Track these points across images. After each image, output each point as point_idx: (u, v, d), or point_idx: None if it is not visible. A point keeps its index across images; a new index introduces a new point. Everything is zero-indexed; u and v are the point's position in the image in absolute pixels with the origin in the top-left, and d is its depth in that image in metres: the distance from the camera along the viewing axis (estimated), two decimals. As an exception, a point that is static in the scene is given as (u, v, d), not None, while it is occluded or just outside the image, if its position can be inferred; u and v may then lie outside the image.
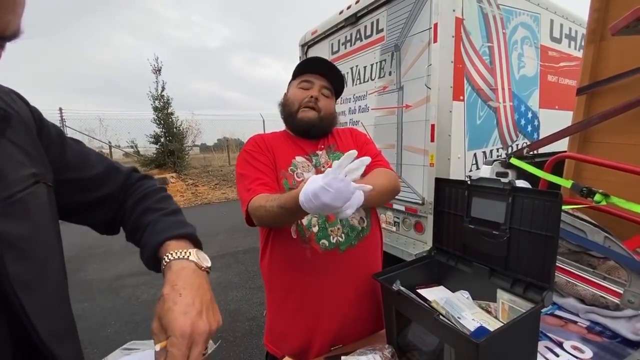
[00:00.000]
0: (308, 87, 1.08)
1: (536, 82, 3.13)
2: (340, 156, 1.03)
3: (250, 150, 1.04)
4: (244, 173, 1.01)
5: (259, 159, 1.02)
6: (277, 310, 1.05)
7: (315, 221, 0.98)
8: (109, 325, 2.60)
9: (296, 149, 1.08)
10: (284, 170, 1.02)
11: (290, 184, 1.00)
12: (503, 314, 0.83)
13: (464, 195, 0.91)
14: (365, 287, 1.02)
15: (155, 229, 0.59)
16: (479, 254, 0.90)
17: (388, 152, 2.96)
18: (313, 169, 1.05)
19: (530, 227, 0.76)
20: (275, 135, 1.13)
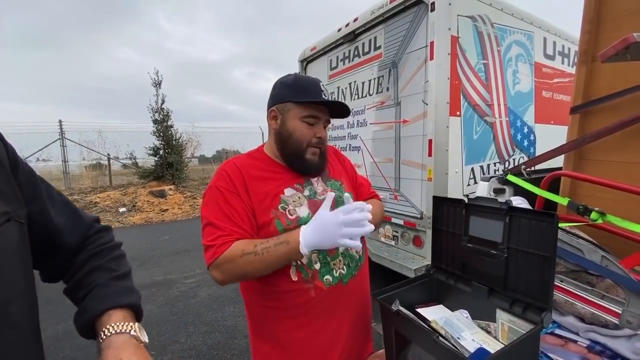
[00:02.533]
0: (314, 123, 0.95)
1: (531, 97, 3.19)
2: (336, 184, 1.06)
3: (223, 189, 0.89)
4: (214, 221, 0.85)
5: (232, 204, 0.87)
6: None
7: (316, 258, 0.92)
8: (103, 342, 2.55)
9: (283, 180, 0.96)
10: (274, 209, 0.90)
11: (285, 224, 0.89)
12: (502, 335, 0.82)
13: (462, 214, 0.92)
14: (362, 310, 1.02)
15: (100, 294, 0.57)
16: (477, 273, 0.90)
17: (386, 166, 2.99)
18: (305, 201, 0.95)
19: (527, 247, 0.77)
20: (253, 164, 0.96)
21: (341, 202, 0.98)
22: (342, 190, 1.03)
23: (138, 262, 4.49)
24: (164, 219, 7.33)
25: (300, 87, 0.94)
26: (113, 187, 9.19)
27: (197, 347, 2.45)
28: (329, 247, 0.80)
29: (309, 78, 0.97)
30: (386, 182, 3.00)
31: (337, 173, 1.08)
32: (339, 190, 1.02)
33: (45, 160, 11.05)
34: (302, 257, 0.83)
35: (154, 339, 2.58)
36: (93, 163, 11.92)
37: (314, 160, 0.96)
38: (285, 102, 0.95)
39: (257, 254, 0.80)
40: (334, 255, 0.94)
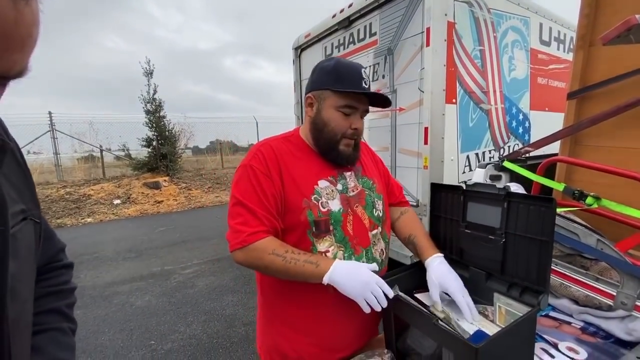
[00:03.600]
0: (350, 113, 0.90)
1: (527, 84, 3.18)
2: (368, 182, 1.02)
3: (258, 170, 0.87)
4: (246, 203, 0.84)
5: (264, 186, 0.86)
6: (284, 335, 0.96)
7: (342, 255, 0.90)
8: (103, 333, 2.56)
9: (319, 170, 0.93)
10: (307, 198, 0.88)
11: (316, 216, 0.87)
12: (500, 317, 0.84)
13: (460, 200, 0.92)
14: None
15: (61, 340, 0.58)
16: (475, 258, 0.91)
17: (382, 154, 2.97)
18: (338, 195, 0.92)
19: (525, 231, 0.78)
20: (289, 148, 0.94)
21: (370, 201, 0.98)
22: (374, 190, 1.01)
23: (134, 253, 4.48)
24: (159, 211, 7.30)
25: (339, 75, 0.89)
26: (106, 179, 9.10)
27: (197, 336, 2.47)
28: (347, 294, 0.80)
29: (351, 65, 0.92)
30: (382, 170, 3.00)
31: (370, 171, 1.05)
32: (370, 190, 1.00)
33: (36, 153, 10.87)
34: (320, 282, 0.82)
35: (153, 329, 2.59)
36: (85, 155, 11.75)
37: (348, 152, 0.93)
38: (323, 89, 0.91)
39: (284, 260, 0.80)
40: (359, 255, 0.92)
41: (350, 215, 0.93)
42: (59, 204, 7.12)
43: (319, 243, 0.88)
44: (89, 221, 6.46)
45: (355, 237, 0.92)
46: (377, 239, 0.98)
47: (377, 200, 1.01)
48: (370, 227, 0.96)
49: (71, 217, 6.55)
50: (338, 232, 0.90)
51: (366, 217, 0.96)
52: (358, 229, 0.93)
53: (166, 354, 2.28)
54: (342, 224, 0.90)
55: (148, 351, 2.32)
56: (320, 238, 0.88)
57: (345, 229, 0.91)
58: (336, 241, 0.89)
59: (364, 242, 0.94)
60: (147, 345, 2.38)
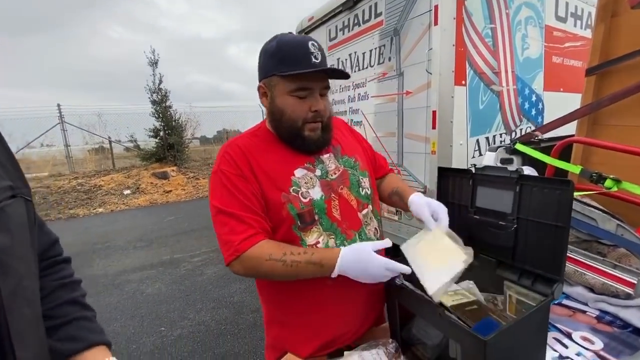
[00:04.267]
0: (306, 96, 0.83)
1: (540, 63, 3.04)
2: (349, 161, 0.98)
3: (229, 174, 0.81)
4: (227, 210, 0.79)
5: (242, 189, 0.80)
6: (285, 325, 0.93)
7: (333, 243, 0.85)
8: (115, 320, 2.62)
9: (293, 160, 0.87)
10: (285, 192, 0.83)
11: (298, 209, 0.82)
12: (510, 307, 0.80)
13: (469, 184, 0.87)
14: (376, 287, 0.98)
15: (89, 326, 0.63)
16: (484, 245, 0.86)
17: (389, 140, 2.91)
18: (317, 181, 0.87)
19: (539, 217, 0.73)
20: (256, 143, 0.87)
21: (355, 180, 0.93)
22: (357, 168, 0.97)
23: (145, 242, 4.55)
24: (168, 200, 7.38)
25: (283, 55, 0.80)
26: (116, 170, 9.21)
27: (206, 323, 2.51)
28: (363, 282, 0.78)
29: (295, 40, 0.82)
30: (389, 157, 2.92)
31: (350, 149, 0.99)
32: (352, 169, 0.96)
33: (49, 145, 11.04)
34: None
35: (163, 316, 2.64)
36: (96, 147, 11.87)
37: (315, 137, 0.86)
38: (270, 75, 0.83)
39: (284, 264, 0.76)
40: (352, 239, 0.88)
41: (334, 200, 0.88)
42: (71, 195, 7.25)
43: (306, 236, 0.84)
44: (100, 211, 6.58)
45: (345, 221, 0.88)
46: (368, 218, 0.93)
47: (362, 178, 0.96)
48: (359, 207, 0.91)
49: (83, 208, 6.68)
50: (324, 220, 0.85)
51: (353, 198, 0.91)
52: (346, 212, 0.88)
53: (176, 340, 2.32)
54: (326, 211, 0.86)
55: (158, 337, 2.36)
56: (307, 231, 0.84)
57: (331, 215, 0.86)
58: (324, 230, 0.85)
59: (355, 225, 0.89)
60: (158, 331, 2.43)
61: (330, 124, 0.91)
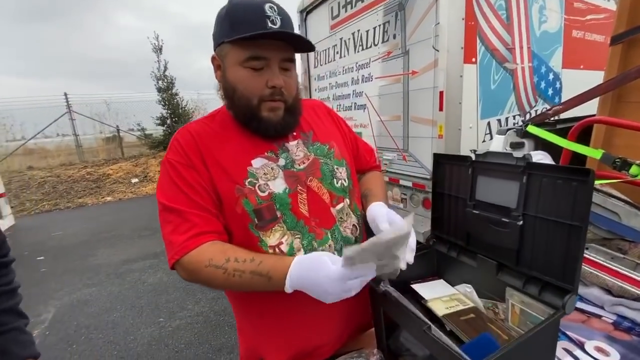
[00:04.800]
0: (261, 67, 0.70)
1: (559, 38, 2.80)
2: (322, 148, 0.85)
3: (176, 163, 0.71)
4: (171, 205, 0.69)
5: (190, 181, 0.70)
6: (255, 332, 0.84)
7: (299, 244, 0.73)
8: (115, 310, 2.62)
9: (251, 148, 0.75)
10: (239, 185, 0.71)
11: (255, 204, 0.71)
12: (513, 317, 0.69)
13: (467, 174, 0.75)
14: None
15: (21, 339, 0.64)
16: (485, 244, 0.74)
17: (393, 124, 2.76)
18: (280, 172, 0.75)
19: (549, 213, 0.60)
20: (211, 128, 0.76)
21: (327, 170, 0.81)
22: (331, 156, 0.84)
23: (150, 231, 4.56)
24: (176, 188, 7.40)
25: (234, 18, 0.68)
26: (125, 159, 9.29)
27: (204, 314, 2.48)
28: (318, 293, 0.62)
29: (248, 2, 0.69)
30: (394, 142, 2.78)
31: (325, 134, 0.86)
32: (325, 157, 0.83)
33: (64, 135, 11.18)
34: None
35: (163, 306, 2.62)
36: (109, 136, 11.97)
37: (275, 119, 0.73)
38: (221, 43, 0.71)
39: (226, 272, 0.65)
40: (322, 239, 0.75)
41: (302, 194, 0.76)
42: (80, 184, 7.35)
43: (267, 236, 0.72)
44: (108, 200, 6.65)
45: (314, 217, 0.76)
46: (344, 214, 0.81)
47: (337, 167, 0.83)
48: (333, 201, 0.79)
49: (92, 197, 6.76)
50: (288, 217, 0.73)
51: (325, 191, 0.79)
52: (316, 208, 0.77)
53: (174, 331, 2.30)
54: (291, 206, 0.74)
55: (156, 328, 2.34)
56: (267, 230, 0.72)
57: (296, 211, 0.74)
58: (288, 228, 0.73)
59: (327, 222, 0.78)
60: (156, 322, 2.41)
61: (298, 105, 0.79)
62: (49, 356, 2.14)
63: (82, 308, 2.70)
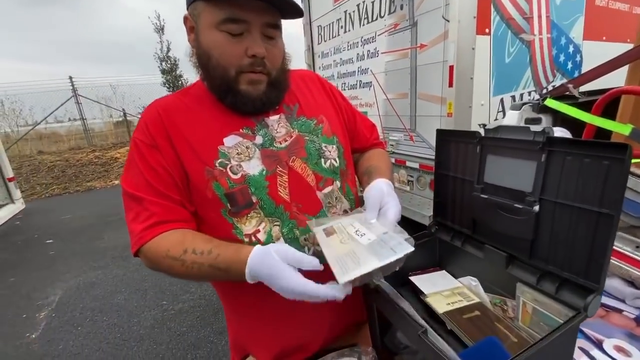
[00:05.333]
0: (240, 32, 0.61)
1: (581, 7, 2.58)
2: (309, 124, 0.74)
3: (140, 143, 0.64)
4: (130, 191, 0.63)
5: (152, 163, 0.63)
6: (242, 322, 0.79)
7: (278, 232, 0.66)
8: (120, 293, 2.64)
9: (224, 124, 0.67)
10: (209, 167, 0.64)
11: (226, 188, 0.63)
12: (524, 317, 0.60)
13: (475, 152, 0.65)
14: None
15: None
16: (493, 233, 0.65)
17: (400, 102, 2.62)
18: (257, 151, 0.67)
19: (573, 199, 0.50)
20: (181, 103, 0.68)
21: (313, 149, 0.72)
22: (318, 133, 0.74)
23: (156, 214, 4.57)
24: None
25: None
26: (133, 142, 9.29)
27: (207, 297, 2.48)
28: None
29: None
30: (401, 121, 2.65)
31: (312, 108, 0.77)
32: (311, 134, 0.74)
33: (74, 119, 11.23)
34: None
35: (166, 289, 2.63)
36: (119, 120, 11.98)
37: (255, 93, 0.65)
38: (195, 0, 0.62)
39: (184, 265, 0.59)
40: (305, 227, 0.67)
41: (282, 176, 0.67)
42: (89, 168, 7.42)
43: (241, 223, 0.65)
44: (116, 183, 6.70)
45: (296, 202, 0.67)
46: (333, 198, 0.72)
47: (325, 145, 0.74)
48: (319, 184, 0.71)
49: (100, 180, 6.82)
50: (266, 202, 0.65)
51: (310, 172, 0.70)
52: (298, 191, 0.68)
53: (176, 314, 2.30)
54: (268, 190, 0.66)
55: (160, 311, 2.35)
56: (242, 216, 0.65)
57: (275, 195, 0.66)
58: (266, 215, 0.65)
59: (312, 207, 0.69)
60: (160, 305, 2.42)
61: (283, 79, 0.70)
62: (55, 338, 2.17)
63: (88, 291, 2.73)
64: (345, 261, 0.52)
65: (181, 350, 1.96)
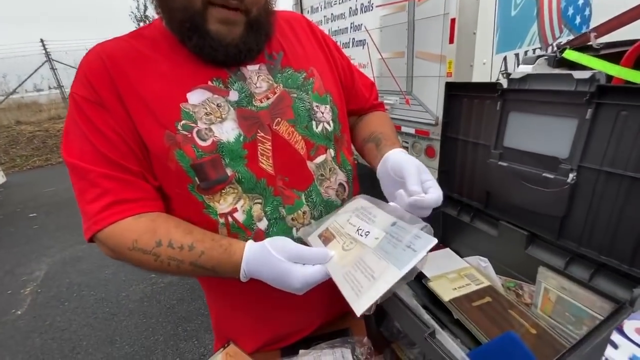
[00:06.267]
0: None
1: (596, -48, 2.35)
2: (297, 77, 0.58)
3: (80, 100, 0.49)
4: (74, 162, 0.49)
5: (98, 124, 0.49)
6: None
7: (260, 211, 0.54)
8: (106, 267, 2.56)
9: (188, 75, 0.52)
10: (170, 130, 0.49)
11: (192, 158, 0.50)
12: (544, 304, 0.51)
13: (495, 109, 0.52)
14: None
15: None
16: (512, 208, 0.55)
17: (396, 62, 2.44)
18: (232, 111, 0.53)
19: (625, 166, 0.39)
20: (137, 50, 0.52)
21: (303, 109, 0.58)
22: (309, 89, 0.60)
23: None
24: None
25: None
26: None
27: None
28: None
29: None
30: (396, 83, 2.48)
31: (302, 58, 0.62)
32: (299, 90, 0.59)
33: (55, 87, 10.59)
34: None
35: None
36: None
37: (228, 37, 0.50)
38: None
39: (158, 259, 0.48)
40: (293, 205, 0.56)
41: (264, 143, 0.54)
42: (71, 138, 7.09)
43: (214, 201, 0.52)
44: (101, 153, 6.45)
45: (281, 175, 0.55)
46: (326, 169, 0.60)
47: (317, 105, 0.60)
48: (309, 152, 0.58)
49: (83, 150, 6.54)
50: (244, 175, 0.52)
51: (299, 138, 0.57)
52: (285, 162, 0.55)
53: (166, 287, 2.25)
54: (246, 160, 0.53)
55: (149, 284, 2.29)
56: (214, 193, 0.52)
57: (256, 166, 0.53)
58: (244, 191, 0.53)
59: (301, 181, 0.57)
60: (148, 278, 2.36)
61: (267, 20, 0.54)
62: (41, 314, 2.11)
63: (75, 265, 2.65)
64: (355, 278, 0.42)
65: (172, 323, 1.92)
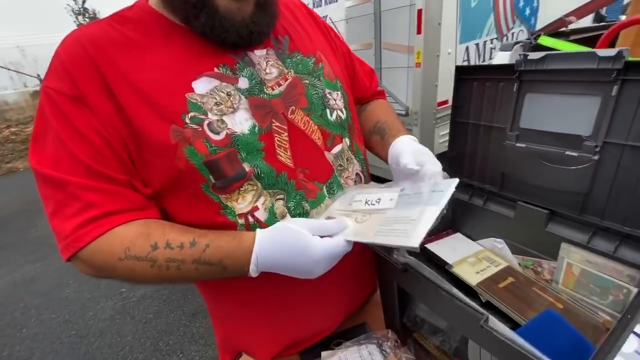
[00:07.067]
0: None
1: (541, -53, 2.52)
2: (307, 63, 0.54)
3: (56, 96, 0.42)
4: (43, 171, 0.42)
5: (78, 125, 0.42)
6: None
7: (282, 207, 0.50)
8: (67, 285, 2.33)
9: (191, 61, 0.46)
10: (176, 125, 0.44)
11: (205, 154, 0.45)
12: (568, 280, 0.53)
13: (512, 91, 0.52)
14: (362, 257, 0.66)
15: None
16: (530, 188, 0.55)
17: (364, 53, 2.44)
18: (243, 100, 0.48)
19: (651, 140, 0.41)
20: (124, 34, 0.45)
21: (316, 96, 0.54)
22: (320, 75, 0.56)
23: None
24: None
25: None
26: (57, 114, 8.09)
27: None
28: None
29: None
30: (364, 75, 2.50)
31: (307, 42, 0.58)
32: (311, 75, 0.55)
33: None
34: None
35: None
36: (36, 88, 10.18)
37: (240, 15, 0.45)
38: None
39: (155, 264, 0.43)
40: (316, 198, 0.52)
41: (281, 133, 0.50)
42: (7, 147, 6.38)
43: (232, 200, 0.47)
44: (44, 162, 5.86)
45: (302, 167, 0.51)
46: (343, 159, 0.57)
47: (330, 92, 0.56)
48: (326, 142, 0.54)
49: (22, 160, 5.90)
50: (263, 169, 0.48)
51: (314, 128, 0.53)
52: (304, 153, 0.51)
53: (139, 300, 2.09)
54: (264, 153, 0.48)
55: (119, 300, 2.12)
56: (231, 191, 0.47)
57: (274, 160, 0.49)
58: (264, 187, 0.48)
59: (321, 173, 0.53)
60: (118, 293, 2.18)
61: (273, 0, 0.50)
62: (-5, 345, 1.88)
63: (28, 286, 2.38)
64: (393, 229, 0.40)
65: (151, 339, 1.79)
